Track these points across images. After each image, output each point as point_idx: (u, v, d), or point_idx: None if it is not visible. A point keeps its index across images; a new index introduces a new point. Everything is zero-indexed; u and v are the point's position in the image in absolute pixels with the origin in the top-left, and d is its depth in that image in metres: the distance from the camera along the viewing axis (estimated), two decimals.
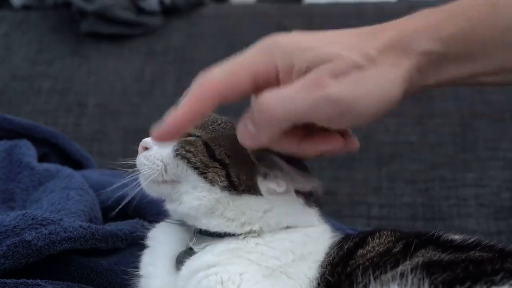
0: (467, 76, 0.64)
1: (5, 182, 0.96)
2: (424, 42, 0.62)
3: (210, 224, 0.69)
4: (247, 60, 0.64)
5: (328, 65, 0.60)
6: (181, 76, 1.55)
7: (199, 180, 0.69)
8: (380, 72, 0.61)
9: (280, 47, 0.63)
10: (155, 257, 0.72)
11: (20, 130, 1.09)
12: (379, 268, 0.62)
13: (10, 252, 0.73)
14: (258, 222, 0.69)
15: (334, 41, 0.63)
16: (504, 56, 0.63)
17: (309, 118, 0.60)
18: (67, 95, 1.57)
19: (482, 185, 1.31)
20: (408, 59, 0.61)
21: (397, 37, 0.62)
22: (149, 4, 1.62)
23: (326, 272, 0.66)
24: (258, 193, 0.69)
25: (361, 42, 0.62)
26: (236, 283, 0.64)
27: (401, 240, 0.66)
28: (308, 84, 0.59)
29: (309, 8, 1.72)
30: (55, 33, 1.68)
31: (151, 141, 0.71)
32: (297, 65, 0.61)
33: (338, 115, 0.59)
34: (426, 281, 0.57)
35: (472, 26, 0.63)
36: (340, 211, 1.30)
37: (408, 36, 0.62)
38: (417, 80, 0.63)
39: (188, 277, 0.67)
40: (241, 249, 0.67)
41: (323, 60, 0.61)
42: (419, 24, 0.63)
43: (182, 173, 0.70)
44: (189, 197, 0.69)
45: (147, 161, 0.71)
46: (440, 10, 0.64)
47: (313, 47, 0.62)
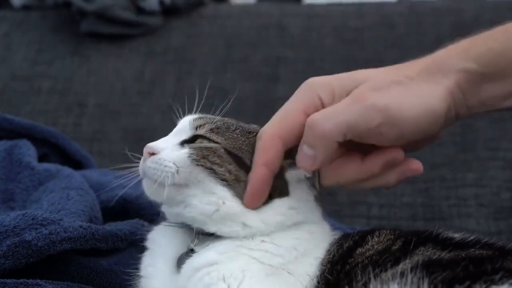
0: (506, 94, 0.66)
1: (5, 182, 0.96)
2: (458, 62, 0.65)
3: (221, 231, 0.67)
4: (293, 102, 0.67)
5: (367, 83, 0.64)
6: (181, 76, 1.55)
7: (221, 189, 0.67)
8: (421, 87, 0.64)
9: (319, 81, 0.67)
10: (155, 258, 0.72)
11: (20, 130, 1.09)
12: (379, 266, 0.62)
13: (10, 252, 0.73)
14: (276, 223, 0.68)
15: (367, 71, 0.68)
16: None
17: (359, 129, 0.62)
18: (67, 95, 1.57)
19: (482, 185, 1.31)
20: (447, 78, 0.65)
21: (432, 61, 0.67)
22: (149, 4, 1.62)
23: (326, 271, 0.66)
24: (287, 193, 0.69)
25: (396, 70, 0.67)
26: (238, 280, 0.64)
27: (400, 238, 0.66)
28: (352, 99, 0.63)
29: (309, 8, 1.72)
30: (55, 33, 1.68)
31: (158, 145, 0.69)
32: (337, 90, 0.65)
33: (385, 123, 0.62)
34: (425, 281, 0.58)
35: (502, 46, 0.66)
36: (340, 211, 1.30)
37: (442, 59, 0.67)
38: (459, 99, 0.65)
39: (190, 274, 0.66)
40: (245, 246, 0.67)
41: (361, 81, 0.65)
42: (451, 50, 0.67)
43: (196, 179, 0.67)
44: (199, 201, 0.67)
45: (156, 164, 0.68)
46: (470, 37, 0.68)
47: (349, 75, 0.67)
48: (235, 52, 1.57)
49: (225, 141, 0.68)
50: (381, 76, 0.66)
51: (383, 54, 1.51)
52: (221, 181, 0.66)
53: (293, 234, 0.69)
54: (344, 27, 1.58)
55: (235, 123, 0.72)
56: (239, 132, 0.70)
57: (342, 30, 1.58)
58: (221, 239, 0.68)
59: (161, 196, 0.69)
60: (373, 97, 0.62)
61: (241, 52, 1.57)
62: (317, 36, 1.58)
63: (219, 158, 0.67)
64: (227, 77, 1.53)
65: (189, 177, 0.67)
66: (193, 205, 0.68)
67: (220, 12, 1.69)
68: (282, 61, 1.54)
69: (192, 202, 0.68)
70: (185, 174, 0.67)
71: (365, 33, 1.56)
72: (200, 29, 1.65)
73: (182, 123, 0.73)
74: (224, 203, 0.66)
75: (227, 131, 0.69)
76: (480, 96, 0.66)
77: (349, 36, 1.57)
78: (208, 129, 0.69)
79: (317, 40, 1.57)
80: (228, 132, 0.69)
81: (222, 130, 0.69)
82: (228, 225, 0.67)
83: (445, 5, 1.57)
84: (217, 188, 0.67)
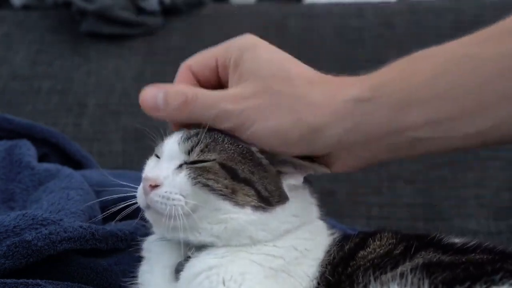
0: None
1: (5, 182, 0.96)
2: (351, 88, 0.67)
3: (231, 244, 0.67)
4: (217, 47, 0.76)
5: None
6: None
7: (223, 203, 0.66)
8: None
9: (249, 51, 0.72)
10: (152, 265, 0.71)
11: (20, 130, 1.08)
12: (379, 268, 0.62)
13: (10, 252, 0.73)
14: (283, 231, 0.68)
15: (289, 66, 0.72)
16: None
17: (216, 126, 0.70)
18: (67, 95, 1.57)
19: (482, 185, 1.31)
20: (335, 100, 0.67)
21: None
22: (149, 4, 1.62)
23: (326, 272, 0.66)
24: (287, 198, 0.68)
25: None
26: (238, 283, 0.64)
27: (402, 243, 0.66)
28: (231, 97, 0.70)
29: (309, 8, 1.72)
30: (55, 33, 1.68)
31: (159, 176, 0.66)
32: (245, 71, 0.70)
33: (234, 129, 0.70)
34: (425, 281, 0.58)
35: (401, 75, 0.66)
36: (340, 211, 1.30)
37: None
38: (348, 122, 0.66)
39: (189, 279, 0.66)
40: (244, 250, 0.67)
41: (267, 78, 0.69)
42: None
43: (202, 200, 0.66)
44: (208, 222, 0.66)
45: (164, 199, 0.65)
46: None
47: (278, 69, 0.70)
48: None
49: (218, 156, 0.67)
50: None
51: (383, 54, 1.51)
52: (220, 195, 0.66)
53: (293, 234, 0.69)
54: (344, 27, 1.58)
55: (219, 133, 0.69)
56: (227, 142, 0.68)
57: (342, 30, 1.58)
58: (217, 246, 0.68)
59: (169, 227, 0.66)
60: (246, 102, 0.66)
61: None
62: (317, 36, 1.58)
63: (214, 174, 0.66)
64: None
65: (196, 202, 0.65)
66: (203, 229, 0.66)
67: (220, 12, 1.69)
68: None
69: (202, 226, 0.66)
70: (193, 201, 0.65)
71: (365, 33, 1.56)
72: (200, 29, 1.65)
73: (170, 149, 0.69)
74: (231, 218, 0.66)
75: (217, 145, 0.68)
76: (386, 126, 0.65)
77: (349, 36, 1.57)
78: (199, 151, 0.67)
79: (317, 40, 1.57)
80: (218, 144, 0.68)
81: (212, 145, 0.68)
82: (236, 240, 0.67)
83: (445, 5, 1.57)
84: (220, 203, 0.66)
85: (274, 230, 0.67)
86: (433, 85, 0.63)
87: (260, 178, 0.67)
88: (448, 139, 0.65)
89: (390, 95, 0.64)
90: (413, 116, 0.64)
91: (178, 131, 0.71)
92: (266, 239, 0.67)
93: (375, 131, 0.65)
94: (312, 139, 0.66)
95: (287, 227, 0.68)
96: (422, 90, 0.64)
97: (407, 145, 0.66)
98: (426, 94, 0.64)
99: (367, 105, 0.65)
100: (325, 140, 0.66)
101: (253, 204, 0.66)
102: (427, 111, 0.64)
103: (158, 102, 0.69)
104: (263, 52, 0.70)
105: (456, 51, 0.65)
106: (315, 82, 0.68)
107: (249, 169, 0.67)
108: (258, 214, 0.66)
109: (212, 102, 0.67)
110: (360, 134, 0.66)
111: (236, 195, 0.66)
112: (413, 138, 0.65)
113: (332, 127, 0.65)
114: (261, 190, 0.67)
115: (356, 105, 0.65)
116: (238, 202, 0.66)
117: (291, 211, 0.68)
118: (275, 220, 0.67)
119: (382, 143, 0.66)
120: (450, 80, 0.63)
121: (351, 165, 0.70)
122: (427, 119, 0.64)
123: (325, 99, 0.66)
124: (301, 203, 0.70)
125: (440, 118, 0.64)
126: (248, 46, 0.71)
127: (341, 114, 0.65)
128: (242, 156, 0.67)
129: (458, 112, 0.63)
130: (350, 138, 0.66)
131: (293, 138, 0.66)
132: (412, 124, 0.64)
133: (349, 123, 0.65)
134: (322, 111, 0.65)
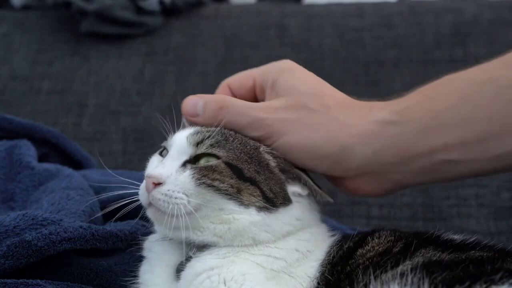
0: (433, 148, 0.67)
1: (5, 182, 0.96)
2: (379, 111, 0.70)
3: (233, 245, 0.67)
4: (256, 69, 0.78)
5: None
6: (181, 76, 1.55)
7: (228, 203, 0.66)
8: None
9: (291, 74, 0.74)
10: (153, 265, 0.71)
11: (20, 130, 1.08)
12: (379, 267, 0.62)
13: (10, 252, 0.73)
14: (285, 233, 0.68)
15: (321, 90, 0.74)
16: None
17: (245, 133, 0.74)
18: (67, 95, 1.57)
19: (482, 185, 1.31)
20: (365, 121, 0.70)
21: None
22: (149, 4, 1.62)
23: (326, 271, 0.66)
24: (290, 201, 0.69)
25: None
26: (239, 283, 0.64)
27: (401, 240, 0.66)
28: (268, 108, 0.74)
29: (309, 8, 1.71)
30: (55, 33, 1.68)
31: (162, 174, 0.66)
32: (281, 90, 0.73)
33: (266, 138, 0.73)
34: (426, 281, 0.57)
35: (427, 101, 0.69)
36: (340, 211, 1.30)
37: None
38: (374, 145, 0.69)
39: (190, 279, 0.66)
40: (246, 251, 0.67)
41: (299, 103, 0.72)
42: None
43: (206, 199, 0.66)
44: (211, 222, 0.66)
45: (166, 197, 0.65)
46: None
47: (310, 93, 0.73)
48: (235, 52, 1.57)
49: (226, 154, 0.67)
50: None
51: (383, 54, 1.51)
52: (226, 195, 0.66)
53: (295, 236, 0.69)
54: (344, 27, 1.58)
55: (231, 132, 0.70)
56: (237, 142, 0.69)
57: (342, 30, 1.58)
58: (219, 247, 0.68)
59: (171, 225, 0.65)
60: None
61: (241, 52, 1.57)
62: (317, 36, 1.58)
63: (220, 174, 0.66)
64: (227, 77, 1.53)
65: (199, 201, 0.66)
66: (205, 228, 0.66)
67: (220, 12, 1.69)
68: None
69: (204, 225, 0.66)
70: (196, 200, 0.65)
71: (365, 33, 1.56)
72: (200, 29, 1.65)
73: (179, 141, 0.69)
74: (234, 218, 0.66)
75: (227, 143, 0.68)
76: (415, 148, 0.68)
77: (349, 36, 1.57)
78: (209, 144, 0.68)
79: (317, 40, 1.57)
80: (228, 143, 0.68)
81: (223, 143, 0.68)
82: (238, 241, 0.67)
83: (445, 5, 1.57)
84: (224, 203, 0.66)
85: (277, 232, 0.67)
86: (458, 109, 0.66)
87: (266, 179, 0.67)
88: (478, 162, 0.67)
89: (416, 118, 0.67)
90: (441, 138, 0.66)
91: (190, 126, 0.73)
92: (268, 240, 0.67)
93: (402, 153, 0.68)
94: (341, 157, 0.69)
95: (289, 229, 0.68)
96: (448, 114, 0.66)
97: (438, 168, 0.68)
98: (452, 118, 0.66)
99: (394, 127, 0.68)
100: (354, 159, 0.68)
101: (258, 204, 0.66)
102: (454, 134, 0.66)
103: (198, 109, 0.72)
104: (299, 74, 0.73)
105: (479, 76, 0.67)
106: (346, 105, 0.71)
107: (255, 168, 0.67)
108: (263, 215, 0.66)
109: (246, 109, 0.70)
110: (389, 156, 0.68)
111: (241, 195, 0.66)
112: (444, 161, 0.67)
113: (361, 147, 0.68)
114: (266, 191, 0.67)
115: (384, 127, 0.68)
116: (243, 202, 0.66)
117: (294, 214, 0.69)
118: (278, 221, 0.67)
119: (412, 166, 0.68)
120: (475, 104, 0.65)
121: (383, 188, 0.72)
122: (454, 141, 0.66)
123: (355, 120, 0.69)
124: (305, 207, 0.71)
125: (467, 140, 0.66)
126: (285, 68, 0.74)
127: (370, 135, 0.68)
128: (249, 155, 0.68)
129: (484, 134, 0.65)
130: (379, 160, 0.68)
131: (323, 154, 0.68)
132: (440, 146, 0.66)
133: (378, 144, 0.68)
134: (353, 131, 0.68)
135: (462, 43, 1.48)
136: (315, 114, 0.69)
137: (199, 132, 0.69)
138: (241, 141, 0.69)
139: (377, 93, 1.47)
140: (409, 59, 1.50)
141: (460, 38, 1.48)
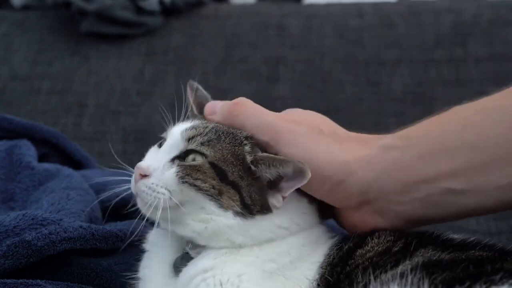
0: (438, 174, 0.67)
1: (5, 182, 0.96)
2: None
3: (210, 245, 0.68)
4: (290, 110, 0.77)
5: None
6: (181, 76, 1.54)
7: (209, 203, 0.66)
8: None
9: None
10: (153, 260, 0.72)
11: (20, 130, 1.08)
12: (379, 267, 0.62)
13: (10, 252, 0.73)
14: (265, 239, 0.68)
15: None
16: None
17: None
18: (67, 95, 1.57)
19: None
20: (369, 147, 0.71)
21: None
22: (149, 4, 1.62)
23: (325, 273, 0.66)
24: (269, 210, 0.68)
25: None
26: (235, 285, 0.64)
27: (400, 240, 0.66)
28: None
29: (309, 8, 1.71)
30: (55, 33, 1.68)
31: (149, 167, 0.68)
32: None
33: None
34: (425, 281, 0.57)
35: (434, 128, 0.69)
36: None
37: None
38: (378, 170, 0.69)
39: (186, 283, 0.66)
40: (235, 253, 0.67)
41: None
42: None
43: (189, 197, 0.67)
44: (192, 219, 0.67)
45: (149, 190, 0.67)
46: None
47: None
48: (235, 52, 1.57)
49: (213, 154, 0.67)
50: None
51: (383, 54, 1.51)
52: (207, 196, 0.66)
53: (286, 241, 0.69)
54: (344, 27, 1.58)
55: (227, 130, 0.70)
56: (228, 141, 0.69)
57: (342, 30, 1.58)
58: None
59: (155, 216, 0.68)
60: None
61: (241, 52, 1.57)
62: (317, 36, 1.58)
63: (203, 174, 0.66)
64: (227, 77, 1.53)
65: (182, 198, 0.67)
66: (186, 224, 0.67)
67: (220, 12, 1.69)
68: (282, 61, 1.54)
69: (186, 221, 0.67)
70: (178, 197, 0.66)
71: (365, 33, 1.56)
72: (200, 29, 1.65)
73: (174, 135, 0.70)
74: (212, 219, 0.66)
75: (218, 142, 0.68)
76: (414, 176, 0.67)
77: (349, 36, 1.57)
78: (199, 142, 0.68)
79: (317, 40, 1.57)
80: (219, 143, 0.68)
81: (214, 141, 0.68)
82: (216, 241, 0.67)
83: (445, 5, 1.57)
84: (205, 203, 0.67)
85: (254, 237, 0.67)
86: (462, 134, 0.65)
87: (248, 185, 0.67)
88: (482, 193, 0.65)
89: (419, 143, 0.67)
90: (443, 165, 0.66)
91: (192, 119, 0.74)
92: (246, 244, 0.67)
93: (404, 178, 0.67)
94: (342, 179, 0.68)
95: (270, 236, 0.68)
96: (451, 140, 0.66)
97: (442, 199, 0.67)
98: (455, 144, 0.66)
99: (397, 152, 0.67)
100: (355, 183, 0.68)
101: (235, 209, 0.67)
102: (457, 160, 0.65)
103: (216, 108, 0.73)
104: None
105: (485, 104, 0.67)
106: (352, 138, 0.71)
107: (239, 173, 0.67)
108: (238, 220, 0.67)
109: (257, 112, 0.71)
110: (390, 181, 0.67)
111: (221, 197, 0.66)
112: (447, 189, 0.66)
113: (363, 170, 0.68)
114: (246, 197, 0.67)
115: (387, 151, 0.68)
116: (222, 204, 0.66)
117: (276, 222, 0.68)
118: (254, 228, 0.67)
119: (415, 195, 0.67)
120: (478, 131, 0.65)
121: (391, 224, 0.70)
122: (457, 168, 0.65)
123: (361, 147, 0.69)
124: (291, 215, 0.70)
125: (469, 167, 0.65)
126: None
127: (372, 159, 0.68)
128: (236, 157, 0.68)
129: (487, 162, 0.64)
130: (381, 185, 0.68)
131: (325, 174, 0.68)
132: (442, 173, 0.66)
133: (379, 168, 0.67)
134: (355, 154, 0.68)
135: (462, 43, 1.48)
136: (324, 135, 0.70)
137: (194, 128, 0.70)
138: (231, 141, 0.69)
139: (377, 93, 1.48)
140: (409, 59, 1.50)
141: (460, 38, 1.48)
